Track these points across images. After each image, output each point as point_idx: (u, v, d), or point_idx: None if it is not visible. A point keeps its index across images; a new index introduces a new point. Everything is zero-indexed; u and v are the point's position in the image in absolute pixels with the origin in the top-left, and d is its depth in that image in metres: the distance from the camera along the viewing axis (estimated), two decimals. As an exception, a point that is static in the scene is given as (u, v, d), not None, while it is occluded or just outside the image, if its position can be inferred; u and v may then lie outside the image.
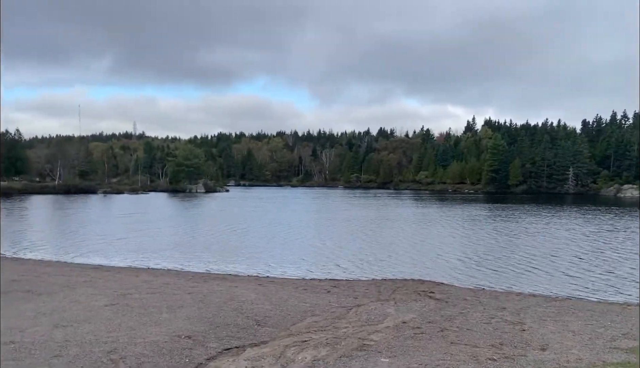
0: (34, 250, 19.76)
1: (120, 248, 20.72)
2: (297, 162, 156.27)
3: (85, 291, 8.69)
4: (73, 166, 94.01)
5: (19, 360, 4.87)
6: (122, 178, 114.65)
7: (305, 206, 54.83)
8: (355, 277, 13.45)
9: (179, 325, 6.34)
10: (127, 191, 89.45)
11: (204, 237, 24.94)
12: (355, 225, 29.65)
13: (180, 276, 12.15)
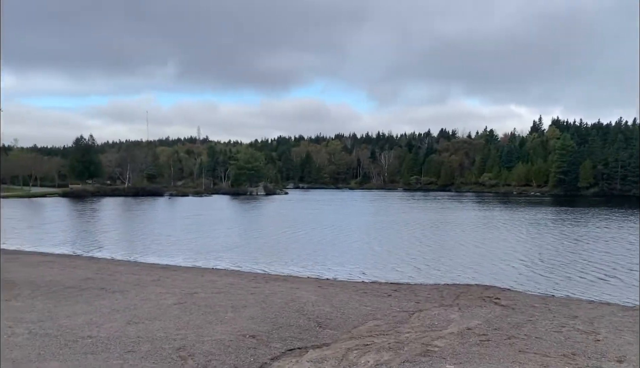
0: (106, 249, 20.84)
1: (185, 248, 21.44)
2: (355, 164, 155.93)
3: (154, 289, 9.06)
4: (141, 170, 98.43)
5: (96, 353, 5.14)
6: (186, 180, 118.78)
7: (363, 208, 54.60)
8: (417, 281, 13.24)
9: (244, 325, 6.47)
10: (192, 194, 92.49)
11: (264, 238, 25.36)
12: (415, 228, 29.21)
13: (243, 277, 12.42)
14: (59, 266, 12.52)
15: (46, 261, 14.05)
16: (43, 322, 6.40)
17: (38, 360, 4.91)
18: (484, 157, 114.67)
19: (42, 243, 22.59)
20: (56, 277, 10.15)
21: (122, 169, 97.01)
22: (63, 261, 14.53)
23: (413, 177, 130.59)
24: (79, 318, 6.61)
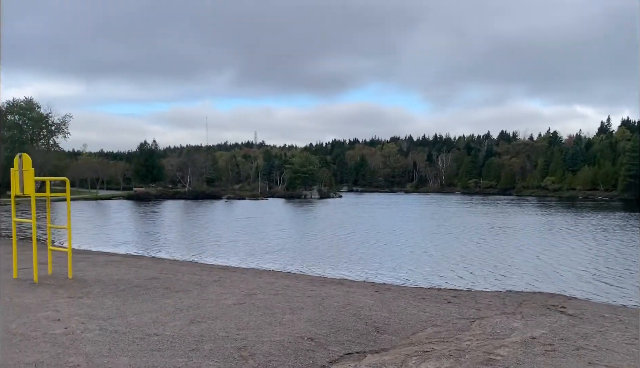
0: (168, 250, 21.63)
1: (241, 250, 21.91)
2: (411, 167, 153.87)
3: (215, 290, 9.30)
4: (201, 174, 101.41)
5: (162, 351, 5.34)
6: (243, 184, 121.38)
7: (419, 212, 53.81)
8: (476, 288, 12.92)
9: (301, 327, 6.53)
10: (248, 197, 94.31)
11: (318, 241, 25.48)
12: (473, 233, 28.47)
13: (299, 279, 12.54)
14: (125, 266, 13.10)
15: (113, 261, 14.74)
16: (112, 319, 6.71)
17: (109, 355, 5.15)
18: (547, 160, 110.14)
19: (108, 244, 23.74)
20: (124, 276, 10.62)
21: (183, 173, 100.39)
22: (129, 261, 15.19)
23: (472, 180, 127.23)
24: (145, 316, 6.89)
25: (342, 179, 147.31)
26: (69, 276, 9.85)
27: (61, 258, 11.77)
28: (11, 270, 10.53)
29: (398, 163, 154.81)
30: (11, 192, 8.99)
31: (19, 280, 9.47)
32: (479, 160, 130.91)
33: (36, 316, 6.76)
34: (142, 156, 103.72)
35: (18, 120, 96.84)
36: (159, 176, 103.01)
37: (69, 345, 5.49)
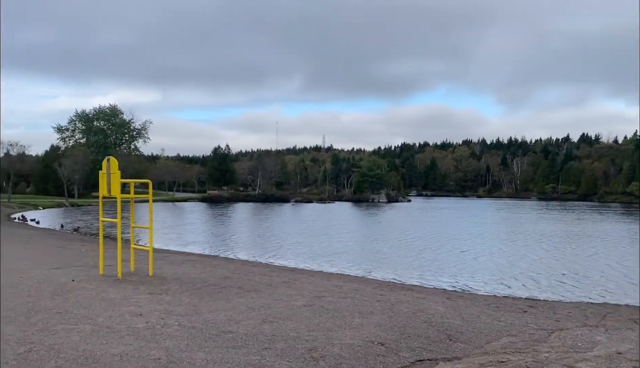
0: (239, 251, 22.29)
1: (308, 252, 22.16)
2: (484, 171, 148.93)
3: (285, 291, 9.47)
4: (270, 177, 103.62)
5: (237, 348, 5.51)
6: (311, 187, 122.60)
7: (491, 217, 51.98)
8: (554, 298, 12.30)
9: (371, 331, 6.50)
10: (315, 200, 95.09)
11: (385, 246, 25.27)
12: (550, 240, 27.12)
13: (367, 283, 12.50)
14: (200, 265, 13.63)
15: (189, 260, 15.38)
16: (189, 315, 7.01)
17: (187, 350, 5.39)
18: (633, 164, 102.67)
19: (183, 243, 24.82)
20: (199, 275, 11.06)
21: (254, 177, 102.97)
22: (204, 261, 15.80)
23: (549, 186, 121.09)
24: (220, 314, 7.13)
25: (411, 183, 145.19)
26: (149, 274, 10.39)
27: (142, 256, 12.44)
28: (97, 266, 11.28)
29: (470, 167, 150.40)
30: (99, 193, 9.64)
31: (105, 276, 10.11)
32: (557, 164, 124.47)
33: (120, 310, 7.18)
34: (216, 160, 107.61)
35: (103, 126, 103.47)
36: (231, 179, 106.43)
37: (150, 338, 5.79)
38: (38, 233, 25.15)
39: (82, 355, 5.17)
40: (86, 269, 11.11)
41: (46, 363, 4.92)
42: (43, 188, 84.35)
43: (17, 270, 10.61)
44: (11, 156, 73.79)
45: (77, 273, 10.32)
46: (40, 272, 10.36)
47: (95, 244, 19.97)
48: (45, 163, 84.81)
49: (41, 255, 13.66)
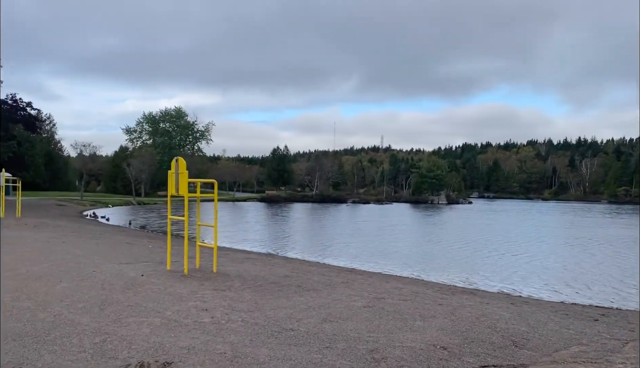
0: (296, 250, 22.54)
1: (365, 253, 22.07)
2: (550, 173, 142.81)
3: (344, 291, 9.48)
4: (328, 178, 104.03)
5: (298, 346, 5.58)
6: (368, 188, 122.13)
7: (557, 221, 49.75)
8: (629, 306, 11.61)
9: (433, 335, 6.39)
10: (373, 201, 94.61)
11: (445, 248, 24.76)
12: (622, 246, 25.59)
13: (428, 286, 12.29)
14: (261, 263, 13.89)
15: (250, 258, 15.71)
16: (252, 312, 7.17)
17: (251, 346, 5.51)
18: None
19: (243, 242, 25.39)
20: (260, 273, 11.27)
21: (311, 177, 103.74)
22: (263, 259, 16.09)
23: (621, 188, 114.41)
24: (281, 312, 7.24)
25: (472, 185, 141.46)
26: (213, 271, 10.71)
27: (205, 254, 12.84)
28: (164, 262, 11.75)
29: (535, 168, 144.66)
30: (167, 192, 10.05)
31: (172, 271, 10.51)
32: (630, 165, 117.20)
33: (187, 305, 7.45)
34: (274, 160, 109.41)
35: (169, 128, 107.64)
36: (288, 179, 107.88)
37: (215, 333, 5.97)
38: (108, 229, 26.50)
39: (153, 346, 5.41)
40: (154, 265, 11.60)
41: (120, 353, 5.18)
42: (112, 186, 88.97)
43: (91, 264, 11.23)
44: (84, 156, 78.18)
45: (146, 269, 10.80)
46: (111, 266, 10.92)
47: (161, 241, 20.81)
48: (115, 163, 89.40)
49: (112, 251, 14.39)
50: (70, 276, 9.50)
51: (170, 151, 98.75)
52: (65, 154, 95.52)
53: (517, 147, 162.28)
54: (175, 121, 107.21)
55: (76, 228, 23.52)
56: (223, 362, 4.97)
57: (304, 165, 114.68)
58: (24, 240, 15.71)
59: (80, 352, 5.18)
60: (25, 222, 23.78)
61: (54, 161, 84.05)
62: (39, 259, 11.63)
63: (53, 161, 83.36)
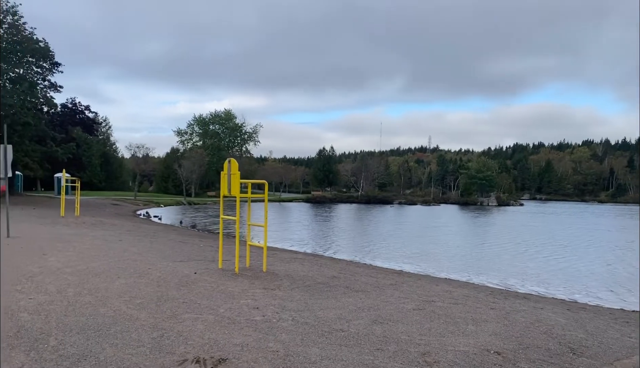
0: (342, 251, 22.53)
1: (413, 255, 21.81)
2: (607, 174, 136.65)
3: (393, 293, 9.42)
4: (373, 179, 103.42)
5: (349, 347, 5.59)
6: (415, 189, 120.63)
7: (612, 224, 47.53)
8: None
9: (486, 339, 6.26)
10: (420, 203, 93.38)
11: (496, 251, 24.15)
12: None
13: (479, 290, 12.03)
14: (308, 264, 14.00)
15: (297, 258, 15.86)
16: (302, 311, 7.23)
17: (302, 345, 5.57)
18: None
19: (289, 242, 25.62)
20: (308, 273, 11.36)
21: (357, 178, 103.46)
22: (310, 259, 16.20)
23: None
24: (330, 312, 7.28)
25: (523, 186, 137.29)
26: (263, 270, 10.88)
27: (254, 253, 13.06)
28: (216, 260, 12.03)
29: (591, 169, 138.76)
30: (220, 192, 10.30)
31: (223, 270, 10.75)
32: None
33: (239, 303, 7.60)
34: (320, 161, 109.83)
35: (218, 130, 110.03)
36: (334, 180, 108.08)
37: (267, 331, 6.07)
38: (161, 228, 27.36)
39: (208, 343, 5.56)
40: (206, 263, 11.90)
41: (176, 348, 5.35)
42: (164, 186, 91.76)
43: (146, 261, 11.64)
44: (137, 157, 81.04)
45: (198, 267, 11.09)
46: (166, 264, 11.28)
47: (211, 240, 21.30)
48: (166, 163, 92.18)
49: (165, 249, 14.85)
50: (128, 273, 9.89)
51: (219, 153, 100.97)
52: (120, 156, 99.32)
53: (571, 147, 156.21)
54: (225, 123, 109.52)
55: (131, 227, 24.41)
56: (276, 360, 5.05)
57: (349, 166, 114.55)
58: (82, 238, 16.45)
59: (139, 346, 5.38)
60: (84, 220, 24.88)
61: (110, 162, 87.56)
62: (97, 256, 12.15)
63: (108, 162, 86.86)
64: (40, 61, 39.53)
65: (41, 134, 42.31)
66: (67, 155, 47.54)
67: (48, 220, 23.53)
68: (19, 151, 36.60)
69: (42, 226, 19.91)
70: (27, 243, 13.97)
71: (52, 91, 41.59)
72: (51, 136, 43.95)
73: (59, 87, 41.88)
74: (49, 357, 4.99)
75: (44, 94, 40.72)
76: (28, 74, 39.00)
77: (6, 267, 10.03)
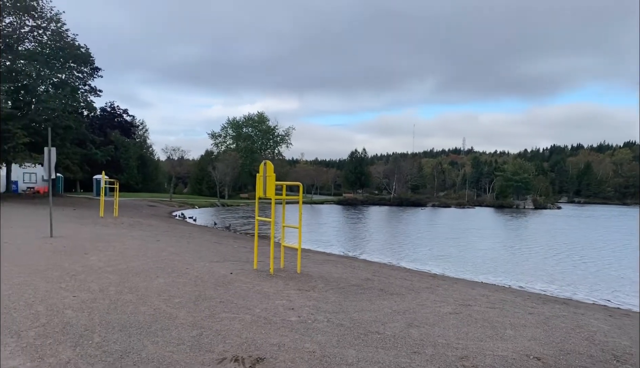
0: (375, 253, 22.44)
1: (447, 258, 21.51)
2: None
3: (428, 296, 9.33)
4: (406, 181, 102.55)
5: (386, 349, 5.58)
6: (449, 192, 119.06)
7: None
8: None
9: (525, 345, 6.14)
10: (454, 205, 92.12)
11: (532, 255, 23.62)
12: None
13: (516, 294, 11.79)
14: (341, 266, 14.00)
15: (330, 260, 15.88)
16: (337, 313, 7.25)
17: (338, 346, 5.59)
18: None
19: (321, 244, 25.66)
20: (342, 275, 11.37)
21: (389, 180, 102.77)
22: (343, 261, 16.20)
23: None
24: (365, 314, 7.27)
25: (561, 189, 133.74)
26: (297, 271, 10.95)
27: (288, 254, 13.15)
28: (250, 261, 12.18)
29: (633, 172, 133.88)
30: (255, 194, 10.42)
31: (258, 271, 10.87)
32: None
33: (274, 303, 7.68)
34: (352, 163, 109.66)
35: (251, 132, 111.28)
36: (366, 182, 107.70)
37: (303, 332, 6.11)
38: (196, 229, 27.83)
39: (245, 342, 5.64)
40: (241, 263, 12.05)
41: (215, 347, 5.45)
42: (198, 188, 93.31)
43: (183, 261, 11.88)
44: (172, 160, 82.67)
45: (234, 267, 11.25)
46: (202, 264, 11.48)
47: (245, 241, 21.55)
48: (201, 166, 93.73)
49: (201, 249, 15.10)
50: (166, 272, 10.11)
51: (252, 155, 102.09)
52: (156, 158, 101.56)
53: (611, 149, 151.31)
54: (258, 126, 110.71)
55: (167, 228, 24.93)
56: (312, 361, 5.09)
57: (381, 168, 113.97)
58: (121, 238, 16.90)
59: (179, 344, 5.50)
60: (122, 221, 25.55)
61: (146, 164, 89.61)
62: (136, 256, 12.46)
63: (145, 164, 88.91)
64: (81, 66, 40.82)
65: (81, 137, 43.66)
66: (106, 157, 48.89)
67: (88, 220, 24.26)
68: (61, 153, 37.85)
69: (82, 227, 20.55)
70: (69, 243, 14.44)
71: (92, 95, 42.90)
72: (91, 139, 45.32)
73: (98, 92, 43.15)
74: (93, 353, 5.16)
75: (84, 98, 42.03)
76: (70, 79, 40.32)
77: (51, 266, 10.40)
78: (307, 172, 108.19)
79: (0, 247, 12.83)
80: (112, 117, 62.86)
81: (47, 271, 9.66)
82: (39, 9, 36.99)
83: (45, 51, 37.61)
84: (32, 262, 10.72)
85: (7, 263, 10.50)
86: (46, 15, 37.46)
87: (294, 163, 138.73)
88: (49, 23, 37.80)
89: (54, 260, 11.09)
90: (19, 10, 35.96)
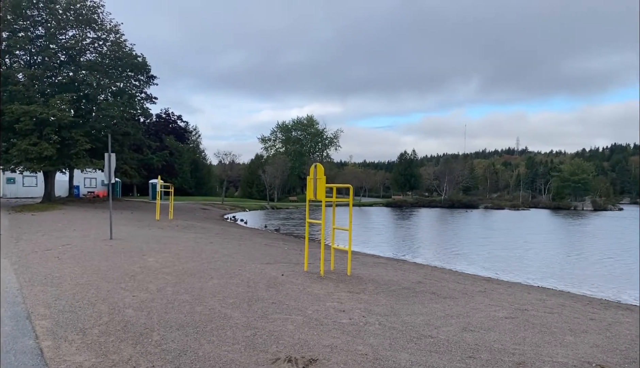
0: (426, 256, 22.12)
1: (501, 261, 20.93)
2: None
3: (482, 300, 9.11)
4: (458, 182, 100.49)
5: (440, 353, 5.49)
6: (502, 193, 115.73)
7: None
8: None
9: (587, 351, 5.90)
10: (508, 207, 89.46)
11: (593, 259, 22.60)
12: None
13: (575, 299, 11.33)
14: (391, 268, 13.89)
15: (379, 263, 15.79)
16: (388, 316, 7.21)
17: (390, 349, 5.56)
18: None
19: (371, 246, 25.54)
20: (392, 278, 11.29)
21: (440, 182, 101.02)
22: (393, 264, 16.06)
23: None
24: (417, 318, 7.19)
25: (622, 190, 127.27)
26: (347, 273, 10.96)
27: (337, 256, 13.17)
28: (301, 263, 12.29)
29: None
30: (306, 197, 10.53)
31: (309, 272, 10.96)
32: None
33: (325, 305, 7.72)
34: (401, 165, 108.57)
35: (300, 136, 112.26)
36: (416, 184, 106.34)
37: (355, 334, 6.12)
38: (247, 232, 28.34)
39: (298, 343, 5.70)
40: (291, 265, 12.19)
41: (269, 347, 5.54)
42: (248, 191, 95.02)
43: (236, 263, 12.13)
44: (224, 164, 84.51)
45: (285, 269, 11.39)
46: (254, 266, 11.69)
47: (294, 243, 21.75)
48: (251, 169, 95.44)
49: (253, 251, 15.36)
50: (220, 273, 10.36)
51: (300, 158, 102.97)
52: (208, 162, 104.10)
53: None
54: (306, 129, 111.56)
55: (220, 230, 25.51)
56: (365, 363, 5.08)
57: (431, 169, 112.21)
58: (176, 240, 17.44)
59: (234, 344, 5.63)
60: (177, 224, 26.36)
61: (199, 169, 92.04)
62: (191, 257, 12.83)
63: (198, 168, 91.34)
64: (138, 75, 42.44)
65: (138, 143, 45.36)
66: (161, 162, 50.54)
67: (145, 223, 25.18)
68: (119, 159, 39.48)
69: (139, 229, 21.35)
70: (128, 245, 15.05)
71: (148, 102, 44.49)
72: (147, 144, 46.99)
73: (154, 99, 44.73)
74: (153, 351, 5.36)
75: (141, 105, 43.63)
76: (127, 87, 42.01)
77: (111, 267, 10.88)
78: (355, 174, 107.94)
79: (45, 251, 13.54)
80: (167, 123, 65.01)
81: (108, 272, 10.11)
82: (99, 21, 38.76)
83: (105, 61, 39.37)
84: (94, 263, 11.25)
85: (72, 265, 11.07)
86: (106, 26, 39.21)
87: (342, 165, 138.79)
88: (108, 34, 39.56)
89: (114, 261, 11.59)
90: (82, 24, 37.82)
